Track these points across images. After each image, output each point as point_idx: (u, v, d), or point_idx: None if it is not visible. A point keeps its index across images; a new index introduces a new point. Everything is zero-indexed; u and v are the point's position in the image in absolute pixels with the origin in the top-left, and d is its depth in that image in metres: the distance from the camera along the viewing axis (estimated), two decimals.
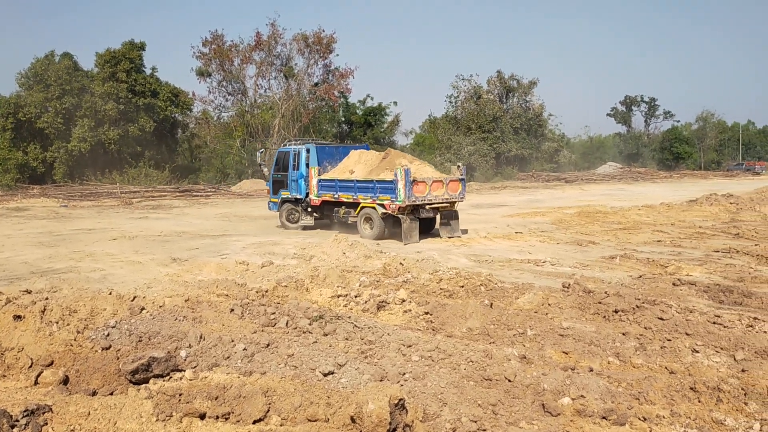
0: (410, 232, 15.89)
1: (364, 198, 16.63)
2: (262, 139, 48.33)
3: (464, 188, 16.91)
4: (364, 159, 17.91)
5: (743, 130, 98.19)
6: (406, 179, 15.35)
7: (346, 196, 17.20)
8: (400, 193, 15.40)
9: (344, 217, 17.64)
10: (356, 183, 16.85)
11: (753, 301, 8.45)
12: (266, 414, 4.75)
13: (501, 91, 63.76)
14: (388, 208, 15.88)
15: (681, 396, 5.02)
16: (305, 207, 18.74)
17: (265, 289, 9.06)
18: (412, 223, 15.92)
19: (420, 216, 16.23)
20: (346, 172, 17.64)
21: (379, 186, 16.12)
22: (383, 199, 16.02)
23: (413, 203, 15.65)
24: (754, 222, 18.61)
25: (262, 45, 48.64)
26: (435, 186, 16.14)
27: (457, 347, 6.22)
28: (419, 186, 15.74)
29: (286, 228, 19.06)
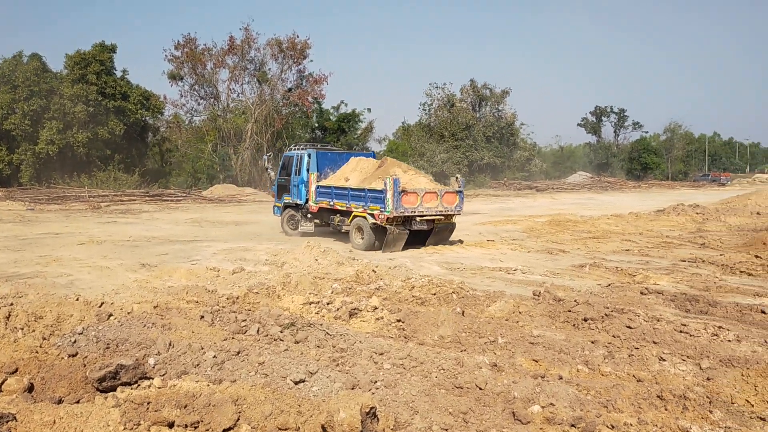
0: (394, 242, 15.40)
1: (357, 207, 16.08)
2: (234, 144, 47.98)
3: (462, 201, 16.20)
4: (360, 167, 17.40)
5: (709, 141, 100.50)
6: (395, 189, 14.81)
7: (341, 204, 16.69)
8: (389, 203, 14.86)
9: (339, 225, 17.18)
10: (350, 191, 16.36)
11: (718, 311, 8.62)
12: (236, 423, 4.69)
13: (474, 100, 64.35)
14: (377, 219, 15.33)
15: (648, 404, 5.10)
16: (305, 213, 18.30)
17: (236, 295, 8.99)
18: (399, 234, 15.36)
19: (411, 228, 15.58)
20: (342, 179, 17.25)
21: (370, 195, 15.57)
22: (373, 209, 15.46)
23: (401, 214, 15.06)
24: (720, 232, 19.01)
25: (236, 49, 48.42)
26: (428, 197, 15.46)
27: (428, 355, 6.23)
28: (409, 197, 15.13)
29: (287, 234, 18.73)
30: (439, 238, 16.36)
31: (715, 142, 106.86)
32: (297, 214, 18.59)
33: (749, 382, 5.58)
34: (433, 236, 16.23)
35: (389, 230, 15.16)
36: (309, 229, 18.24)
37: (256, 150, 47.79)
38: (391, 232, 15.18)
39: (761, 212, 24.58)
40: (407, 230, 15.44)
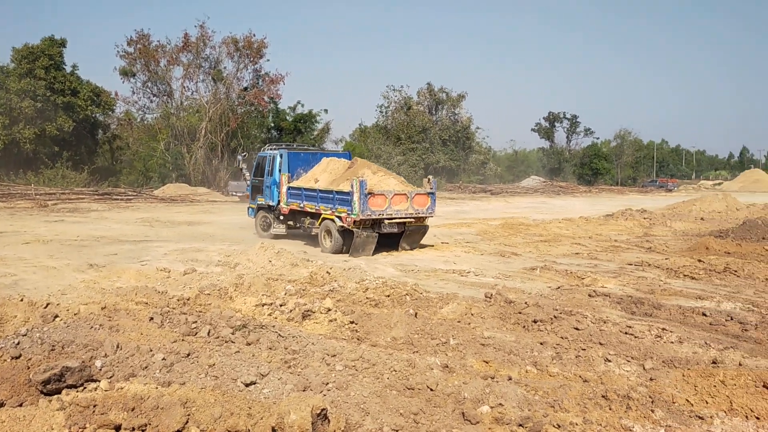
0: (363, 247, 14.92)
1: (325, 209, 15.60)
2: (187, 142, 47.19)
3: (434, 203, 15.79)
4: (330, 168, 16.89)
5: (657, 148, 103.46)
6: (362, 191, 14.36)
7: (311, 206, 16.19)
8: (355, 205, 14.42)
9: (309, 227, 16.72)
10: (318, 193, 15.87)
11: (662, 313, 8.90)
12: (185, 425, 4.63)
13: (431, 103, 64.86)
14: (345, 222, 14.87)
15: (593, 404, 5.23)
16: (277, 215, 17.80)
17: (187, 297, 8.87)
18: (367, 238, 14.88)
19: (381, 231, 15.10)
20: (312, 180, 16.78)
21: (338, 197, 15.09)
22: (341, 211, 15.00)
23: (368, 217, 14.60)
24: (665, 237, 19.61)
25: (190, 47, 47.66)
26: (397, 200, 15.02)
27: (381, 357, 6.26)
28: (377, 199, 14.68)
29: (260, 236, 18.17)
30: (411, 241, 16.02)
31: (663, 149, 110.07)
32: (270, 216, 18.19)
33: (689, 382, 5.78)
34: (405, 239, 15.87)
35: (356, 233, 14.75)
36: (281, 231, 17.77)
37: (210, 149, 47.13)
38: (359, 235, 14.76)
39: (705, 218, 25.45)
40: (376, 233, 15.03)
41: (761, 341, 7.49)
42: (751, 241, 16.13)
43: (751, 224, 17.95)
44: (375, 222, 14.90)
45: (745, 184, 79.16)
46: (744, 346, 7.23)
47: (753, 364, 6.40)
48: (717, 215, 26.47)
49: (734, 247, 15.36)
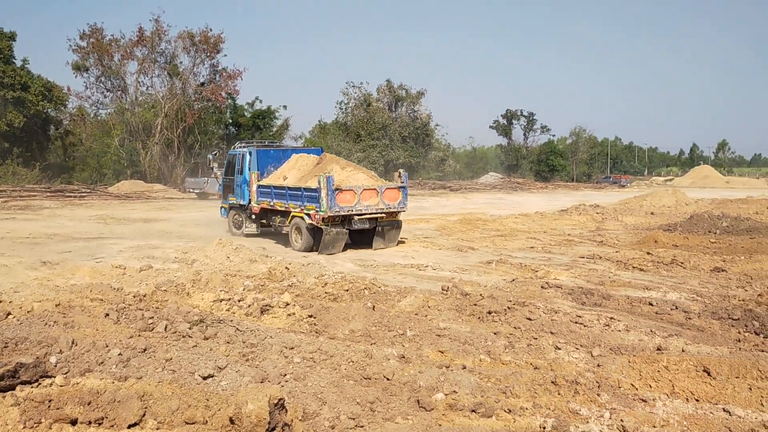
0: (332, 244, 14.56)
1: (294, 207, 15.19)
2: (143, 138, 46.35)
3: (405, 197, 15.51)
4: (299, 164, 16.53)
5: (611, 145, 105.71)
6: (329, 187, 13.97)
7: (280, 204, 15.80)
8: (323, 202, 14.04)
9: (279, 226, 16.34)
10: (287, 190, 15.49)
11: (611, 303, 9.21)
12: (142, 418, 4.65)
13: (390, 100, 65.03)
14: (313, 219, 14.51)
15: (543, 389, 5.43)
16: (249, 214, 17.36)
17: (143, 293, 8.81)
18: (336, 235, 14.52)
19: (351, 228, 14.80)
20: (281, 177, 16.40)
21: (306, 194, 14.72)
22: (309, 208, 14.63)
23: (337, 214, 14.23)
24: (617, 231, 20.16)
25: (145, 41, 46.85)
26: (366, 195, 14.66)
27: (338, 348, 6.37)
28: (345, 195, 14.31)
29: (233, 235, 17.63)
30: (387, 238, 15.65)
31: (616, 146, 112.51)
32: (242, 216, 17.83)
33: (635, 368, 6.05)
34: (379, 236, 15.54)
35: (325, 231, 14.38)
36: (253, 231, 17.44)
37: (166, 145, 46.44)
38: (328, 232, 14.39)
39: (655, 212, 26.23)
40: (346, 230, 14.73)
41: (703, 329, 7.83)
42: (697, 234, 16.73)
43: (697, 218, 18.60)
44: (345, 218, 14.59)
45: (695, 180, 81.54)
46: (687, 334, 7.55)
47: (695, 350, 6.70)
48: (666, 210, 27.30)
49: (681, 240, 15.92)
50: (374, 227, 15.28)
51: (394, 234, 15.74)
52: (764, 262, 12.02)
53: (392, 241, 15.72)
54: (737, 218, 18.31)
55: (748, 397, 5.31)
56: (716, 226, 17.36)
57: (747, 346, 6.99)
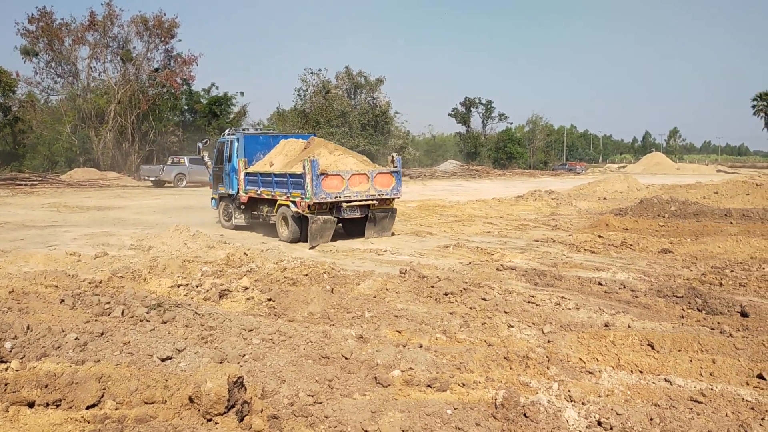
0: (320, 233, 13.63)
1: (281, 195, 14.32)
2: (95, 125, 45.25)
3: (399, 182, 14.63)
4: (286, 150, 15.58)
5: (567, 133, 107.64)
6: (313, 172, 13.04)
7: (267, 192, 14.89)
8: (308, 188, 13.17)
9: (267, 216, 15.38)
10: (273, 177, 14.58)
11: (562, 283, 9.50)
12: (100, 399, 4.67)
13: (349, 87, 64.68)
14: (300, 207, 13.60)
15: (496, 364, 5.62)
16: (238, 204, 16.41)
17: (99, 280, 8.72)
18: (324, 224, 13.59)
19: (341, 216, 13.91)
20: (267, 164, 15.54)
21: (292, 180, 13.80)
22: (295, 195, 13.72)
23: (323, 200, 13.31)
24: (570, 215, 20.65)
25: (97, 25, 45.64)
26: (355, 180, 13.71)
27: (297, 330, 6.45)
28: (332, 180, 13.37)
29: (223, 227, 17.00)
30: (379, 227, 14.75)
31: (572, 133, 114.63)
32: (231, 206, 16.95)
33: (583, 343, 6.30)
34: (372, 225, 14.63)
35: (311, 219, 13.45)
36: (242, 222, 16.55)
37: (120, 132, 45.45)
38: (314, 221, 13.45)
39: (608, 197, 26.92)
40: (335, 218, 13.83)
41: (649, 306, 8.17)
42: (647, 218, 17.27)
43: (647, 203, 19.18)
44: (333, 206, 13.72)
45: (648, 167, 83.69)
46: (634, 311, 7.87)
47: (640, 326, 7.00)
48: (619, 195, 28.02)
49: (631, 223, 16.43)
50: (366, 215, 14.44)
51: (387, 222, 14.94)
52: (709, 244, 12.52)
53: (386, 230, 14.94)
54: (685, 202, 18.95)
55: (689, 368, 5.60)
56: (665, 210, 17.95)
57: (690, 321, 7.33)
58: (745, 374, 5.41)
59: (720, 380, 5.32)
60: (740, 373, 5.44)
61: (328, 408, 4.71)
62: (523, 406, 4.59)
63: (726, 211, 17.38)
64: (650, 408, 4.68)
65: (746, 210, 17.44)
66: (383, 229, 14.75)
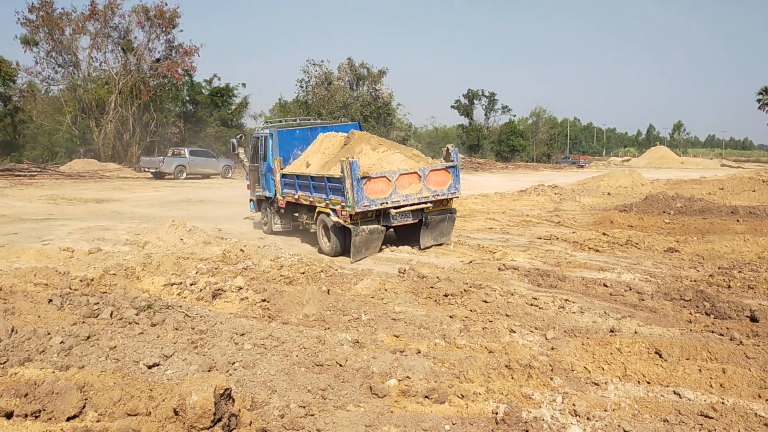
0: (365, 245, 11.52)
1: (319, 201, 12.20)
2: (96, 116, 44.97)
3: (457, 179, 12.32)
4: (324, 146, 13.36)
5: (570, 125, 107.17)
6: (353, 176, 10.86)
7: (305, 197, 12.76)
8: (348, 195, 11.02)
9: (307, 224, 13.30)
10: (311, 180, 12.41)
11: (566, 284, 9.26)
12: (82, 410, 4.46)
13: (351, 79, 64.31)
14: (340, 216, 11.48)
15: (497, 373, 5.40)
16: (276, 208, 14.45)
17: (91, 277, 8.51)
18: (370, 235, 11.46)
19: (390, 224, 11.75)
20: (304, 164, 13.44)
21: (330, 185, 11.66)
22: (335, 202, 11.59)
23: (367, 209, 11.15)
24: (574, 211, 20.37)
25: (98, 15, 45.19)
26: (404, 181, 11.57)
27: (290, 334, 6.23)
28: (376, 184, 11.22)
29: (265, 233, 15.03)
30: (436, 233, 12.60)
31: (575, 126, 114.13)
32: (269, 210, 14.97)
33: (588, 350, 6.07)
34: (428, 231, 12.43)
35: (354, 231, 11.28)
36: (280, 227, 14.59)
37: (120, 123, 45.14)
38: (358, 233, 11.30)
39: (612, 192, 26.61)
40: (383, 227, 11.71)
41: (656, 310, 7.93)
42: (652, 214, 17.00)
43: (652, 199, 18.90)
44: (380, 213, 11.59)
45: (651, 161, 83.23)
46: (640, 315, 7.63)
47: (647, 331, 6.76)
48: (623, 190, 27.71)
49: (636, 220, 16.16)
50: (420, 219, 12.24)
51: (446, 227, 12.74)
52: (716, 243, 12.26)
53: (445, 235, 12.79)
54: (690, 199, 18.67)
55: (698, 378, 5.36)
56: (670, 207, 17.68)
57: (698, 327, 7.10)
58: (757, 386, 5.18)
59: (731, 392, 5.09)
60: (752, 384, 5.20)
61: (320, 421, 4.50)
62: (525, 421, 4.36)
63: (732, 208, 17.09)
64: (659, 424, 4.46)
65: (753, 207, 17.14)
66: (441, 234, 12.65)
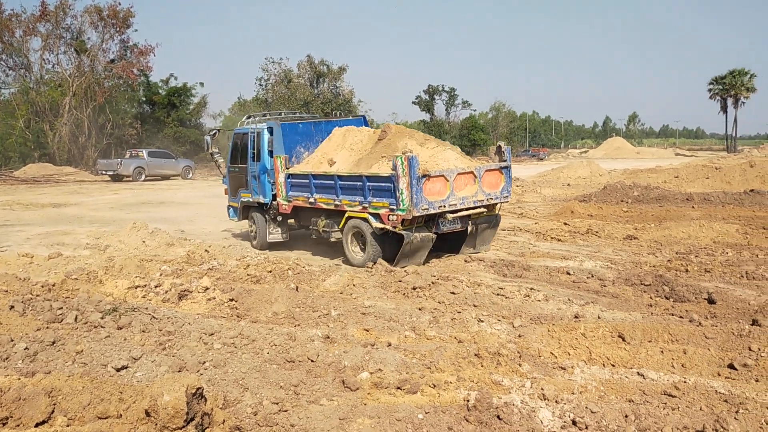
0: (413, 254, 10.22)
1: (351, 204, 10.57)
2: (50, 119, 43.86)
3: (510, 182, 11.08)
4: (350, 142, 11.62)
5: (530, 119, 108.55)
6: (412, 174, 9.41)
7: (326, 199, 11.07)
8: (403, 196, 9.50)
9: (326, 231, 11.42)
10: (338, 180, 10.71)
11: (531, 274, 9.44)
12: (51, 415, 4.39)
13: (312, 76, 64.01)
14: (387, 221, 9.95)
15: (467, 362, 5.48)
16: (273, 215, 12.56)
17: (52, 283, 8.31)
18: (422, 242, 10.09)
19: (440, 230, 10.33)
20: (324, 162, 11.53)
21: (371, 185, 10.14)
22: (378, 205, 10.06)
23: (425, 212, 9.73)
24: (536, 203, 20.68)
25: (49, 16, 44.05)
26: (461, 182, 10.21)
27: (261, 332, 6.22)
28: (434, 184, 9.81)
29: (253, 246, 12.89)
30: (479, 240, 11.31)
31: (534, 120, 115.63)
32: (260, 218, 12.80)
33: (554, 336, 6.21)
34: (471, 238, 11.19)
35: (407, 238, 9.86)
36: (278, 237, 12.71)
37: (75, 126, 44.11)
38: (410, 240, 9.90)
39: (571, 184, 27.10)
40: (434, 234, 10.26)
41: (617, 295, 8.14)
42: (611, 204, 17.38)
43: (611, 188, 19.32)
44: (430, 218, 10.18)
45: (608, 152, 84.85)
46: (603, 301, 7.83)
47: (610, 316, 6.94)
48: (582, 181, 28.25)
49: (596, 210, 16.51)
50: (465, 228, 10.89)
51: (489, 234, 11.45)
52: (672, 229, 12.61)
53: (485, 243, 11.49)
54: (647, 187, 19.14)
55: (660, 360, 5.54)
56: (628, 196, 18.09)
57: (658, 310, 7.32)
58: (717, 364, 5.38)
59: (692, 372, 5.27)
60: (711, 363, 5.40)
61: (294, 416, 4.52)
62: (496, 407, 4.45)
63: (687, 195, 17.58)
64: (624, 404, 4.59)
65: (707, 194, 17.66)
66: (483, 242, 11.42)
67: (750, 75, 68.55)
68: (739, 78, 68.75)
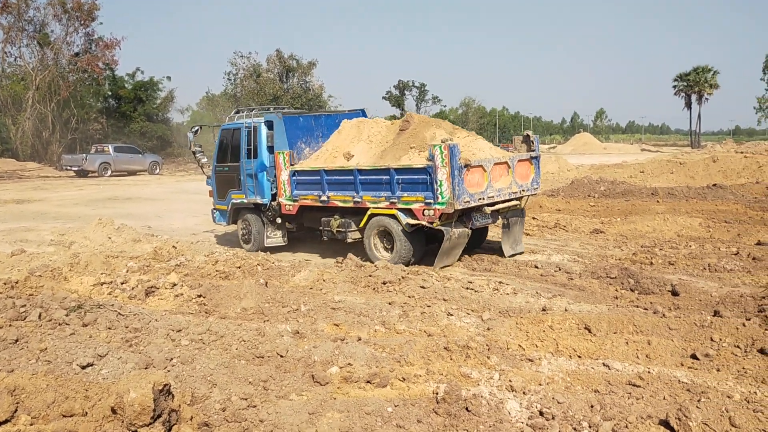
0: (451, 251, 9.75)
1: (375, 199, 10.00)
2: (12, 114, 42.83)
3: (539, 173, 10.78)
4: (367, 133, 10.94)
5: (499, 115, 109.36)
6: (453, 164, 8.86)
7: (342, 197, 10.44)
8: (443, 188, 8.98)
9: (340, 231, 10.76)
10: (358, 174, 10.08)
11: (499, 268, 9.53)
12: (14, 414, 4.30)
13: (281, 71, 63.57)
14: (421, 217, 9.42)
15: (436, 356, 5.51)
16: (272, 217, 11.83)
17: (15, 280, 8.14)
18: (459, 238, 9.62)
19: (474, 225, 9.82)
20: (339, 156, 10.85)
21: (401, 178, 9.56)
22: (410, 199, 9.53)
23: (467, 205, 9.22)
24: None
25: (10, 8, 42.86)
26: (497, 172, 9.76)
27: (229, 328, 6.17)
28: (473, 175, 9.29)
29: (247, 251, 11.65)
30: (512, 239, 10.60)
31: (504, 115, 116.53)
32: (256, 220, 12.08)
33: (522, 329, 6.27)
34: (507, 235, 10.53)
35: (447, 234, 9.42)
36: (278, 241, 12.02)
37: (39, 120, 43.14)
38: (450, 236, 9.44)
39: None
40: (469, 229, 9.76)
41: (584, 288, 8.27)
42: (578, 198, 17.63)
43: (578, 183, 19.60)
44: (464, 212, 9.58)
45: (576, 147, 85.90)
46: (570, 294, 7.94)
47: (577, 309, 7.04)
48: (550, 176, 28.57)
49: (563, 204, 16.73)
50: (495, 221, 10.42)
51: (519, 231, 10.74)
52: (638, 223, 12.84)
53: (519, 242, 10.81)
54: (613, 182, 19.47)
55: (625, 350, 5.64)
56: (595, 191, 18.37)
57: (623, 302, 7.45)
58: (680, 355, 5.49)
59: (656, 362, 5.38)
60: (675, 354, 5.51)
61: (263, 411, 4.49)
62: (464, 399, 4.48)
63: (653, 189, 17.92)
64: (590, 395, 4.66)
65: (671, 188, 18.02)
66: (515, 241, 10.68)
67: (713, 72, 69.88)
68: (702, 75, 70.03)
